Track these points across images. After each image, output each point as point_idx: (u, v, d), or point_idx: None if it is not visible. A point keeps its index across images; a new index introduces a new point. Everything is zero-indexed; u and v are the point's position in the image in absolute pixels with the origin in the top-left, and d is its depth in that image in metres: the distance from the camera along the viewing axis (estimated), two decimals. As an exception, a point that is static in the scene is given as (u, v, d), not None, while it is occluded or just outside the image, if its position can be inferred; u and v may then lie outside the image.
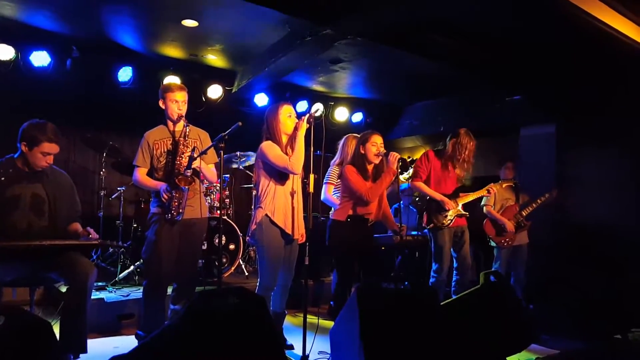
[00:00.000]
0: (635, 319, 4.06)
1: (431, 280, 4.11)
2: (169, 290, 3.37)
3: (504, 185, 4.53)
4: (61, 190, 3.05)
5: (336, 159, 4.34)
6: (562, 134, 5.36)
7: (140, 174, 3.21)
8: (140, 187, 3.30)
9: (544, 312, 4.51)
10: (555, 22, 4.03)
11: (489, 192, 4.26)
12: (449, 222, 4.05)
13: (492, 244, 4.63)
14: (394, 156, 3.47)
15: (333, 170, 4.32)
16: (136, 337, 3.26)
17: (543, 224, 4.73)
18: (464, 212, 4.12)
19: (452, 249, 4.12)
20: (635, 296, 4.24)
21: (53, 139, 2.86)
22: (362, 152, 3.57)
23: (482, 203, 4.70)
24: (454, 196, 4.11)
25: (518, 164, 4.75)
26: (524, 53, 4.71)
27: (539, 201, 4.57)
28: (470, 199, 4.20)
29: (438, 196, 4.06)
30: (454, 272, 4.15)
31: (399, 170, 3.53)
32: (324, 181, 4.32)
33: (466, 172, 4.14)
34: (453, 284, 4.15)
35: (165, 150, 3.22)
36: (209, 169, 3.31)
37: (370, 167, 3.59)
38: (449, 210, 4.04)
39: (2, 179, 2.85)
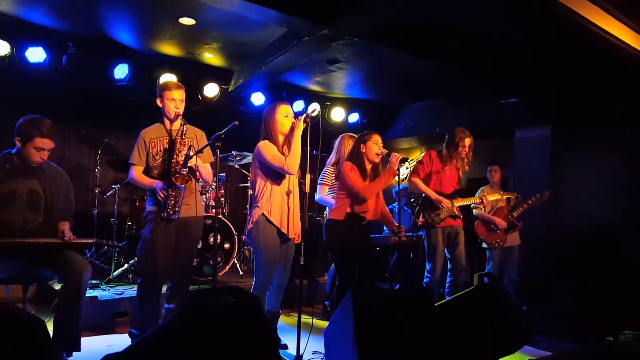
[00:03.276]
0: (626, 321, 4.09)
1: (425, 280, 4.13)
2: (164, 289, 3.37)
3: (505, 197, 4.54)
4: (57, 186, 3.04)
5: (331, 158, 4.33)
6: (557, 137, 5.39)
7: (136, 172, 3.20)
8: (136, 185, 3.28)
9: (537, 314, 4.53)
10: (551, 26, 4.06)
11: (481, 200, 4.28)
12: (440, 220, 4.06)
13: (484, 245, 4.66)
14: (396, 157, 3.45)
15: (328, 170, 4.30)
16: (130, 336, 3.25)
17: (536, 226, 4.76)
18: (458, 214, 4.14)
19: (446, 250, 4.14)
20: (626, 298, 4.27)
21: (46, 134, 2.86)
22: (363, 150, 3.55)
23: (471, 206, 4.72)
24: (451, 197, 4.12)
25: (506, 166, 4.78)
26: (520, 55, 4.74)
27: (530, 202, 4.58)
28: (464, 204, 4.22)
29: (433, 194, 4.07)
30: (448, 273, 4.17)
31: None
32: (319, 182, 4.31)
33: (463, 169, 4.18)
34: (447, 285, 4.16)
35: (162, 148, 3.21)
36: (206, 168, 3.30)
37: (369, 167, 3.58)
38: (443, 208, 4.06)
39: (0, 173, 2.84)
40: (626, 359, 3.76)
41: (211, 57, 5.44)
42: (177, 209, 3.11)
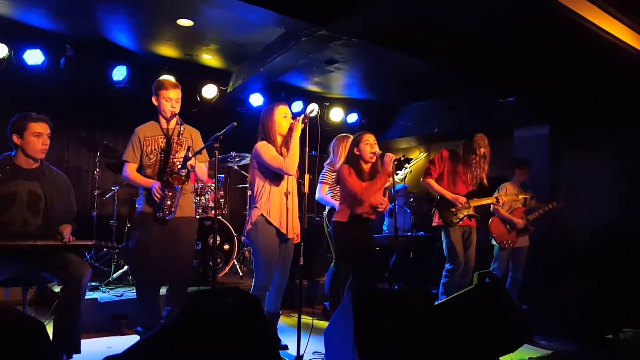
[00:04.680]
0: (626, 319, 4.09)
1: (443, 280, 4.06)
2: (165, 290, 3.37)
3: (521, 197, 4.50)
4: (58, 189, 3.04)
5: (330, 159, 4.37)
6: (556, 136, 5.39)
7: (130, 170, 3.19)
8: (129, 183, 3.27)
9: (537, 313, 4.53)
10: (550, 25, 4.06)
11: (497, 200, 4.25)
12: (459, 220, 4.03)
13: (493, 243, 4.62)
14: (390, 157, 3.46)
15: (327, 170, 4.34)
16: (137, 333, 3.30)
17: (536, 225, 4.75)
18: (475, 214, 4.11)
19: None
20: (626, 297, 4.27)
21: (38, 118, 2.91)
22: (357, 153, 3.55)
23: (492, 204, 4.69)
24: (467, 197, 4.09)
25: (506, 165, 4.76)
26: (518, 55, 4.74)
27: (546, 208, 4.53)
28: (481, 204, 4.19)
29: (448, 194, 4.03)
30: None
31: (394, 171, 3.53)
32: (319, 180, 4.34)
33: (476, 178, 4.08)
34: None
35: (157, 147, 3.19)
36: (201, 168, 3.30)
37: (366, 167, 3.59)
38: (459, 207, 4.02)
39: (0, 175, 2.84)
40: (626, 358, 3.76)
41: (209, 58, 5.44)
42: (172, 210, 3.11)
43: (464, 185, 4.13)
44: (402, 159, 3.50)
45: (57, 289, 3.13)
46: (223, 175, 5.68)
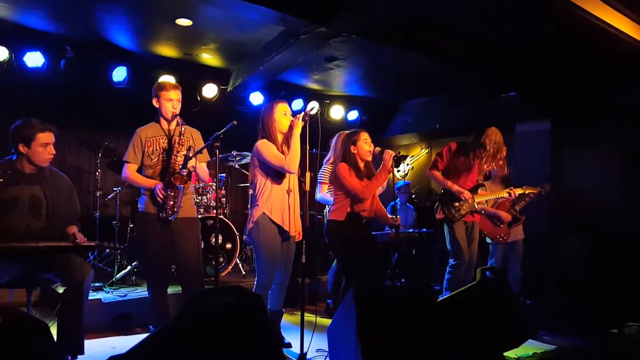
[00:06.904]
0: (631, 314, 4.08)
1: (447, 276, 4.03)
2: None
3: (526, 191, 4.47)
4: (60, 192, 3.05)
5: (329, 157, 4.34)
6: (558, 130, 5.37)
7: (131, 171, 3.20)
8: (130, 183, 3.28)
9: (541, 308, 4.53)
10: (551, 18, 4.04)
11: (509, 194, 4.21)
12: (461, 216, 4.01)
13: (488, 240, 4.62)
14: (389, 154, 3.46)
15: (326, 169, 4.31)
16: (149, 331, 3.35)
17: (539, 220, 4.74)
18: (478, 209, 4.09)
19: None
20: (630, 291, 4.26)
21: (44, 128, 2.89)
22: (354, 151, 3.55)
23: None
24: (472, 192, 4.07)
25: (510, 157, 4.74)
26: (519, 49, 4.72)
27: (531, 195, 4.51)
28: (488, 198, 4.17)
29: (453, 187, 3.99)
30: None
31: (393, 168, 3.52)
32: (318, 180, 4.32)
33: (499, 168, 4.06)
34: None
35: (158, 148, 3.21)
36: (202, 168, 3.32)
37: (362, 165, 3.59)
38: (463, 200, 3.99)
39: (1, 180, 2.85)
40: (631, 352, 3.75)
41: (209, 57, 5.44)
42: (175, 210, 3.12)
43: (471, 178, 4.11)
44: (399, 155, 3.48)
45: (61, 290, 3.15)
46: (224, 175, 5.68)
